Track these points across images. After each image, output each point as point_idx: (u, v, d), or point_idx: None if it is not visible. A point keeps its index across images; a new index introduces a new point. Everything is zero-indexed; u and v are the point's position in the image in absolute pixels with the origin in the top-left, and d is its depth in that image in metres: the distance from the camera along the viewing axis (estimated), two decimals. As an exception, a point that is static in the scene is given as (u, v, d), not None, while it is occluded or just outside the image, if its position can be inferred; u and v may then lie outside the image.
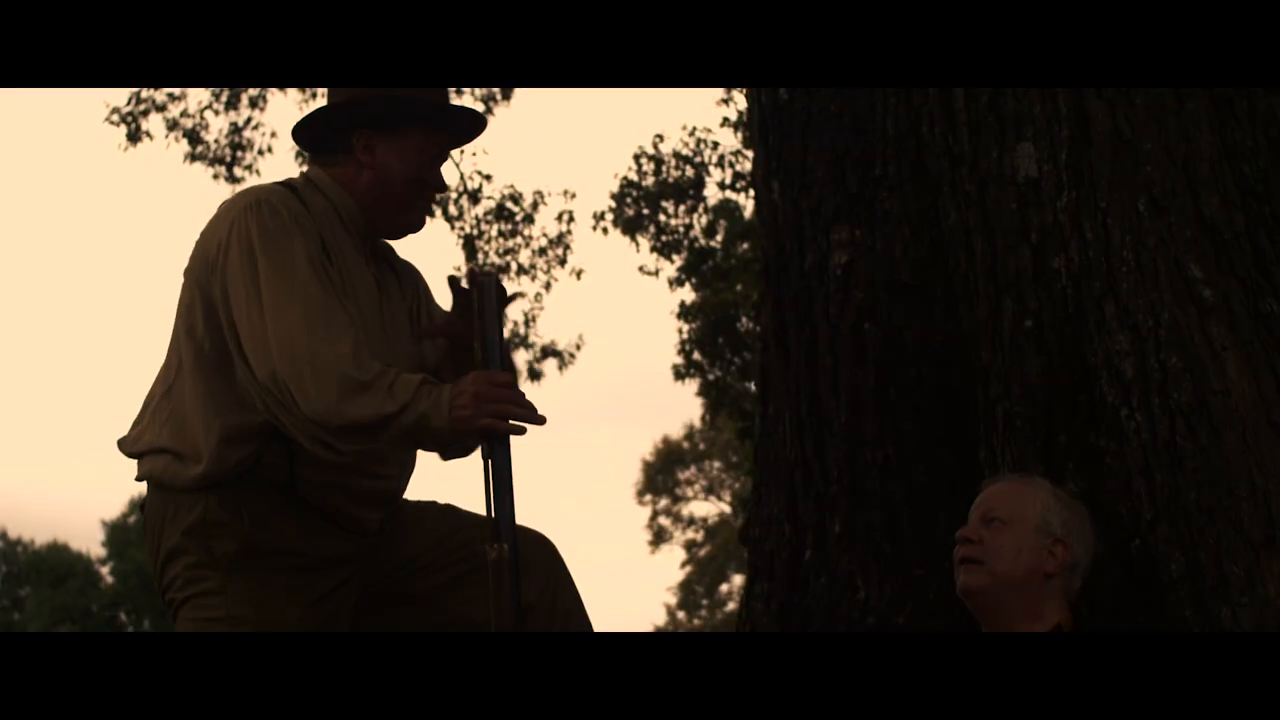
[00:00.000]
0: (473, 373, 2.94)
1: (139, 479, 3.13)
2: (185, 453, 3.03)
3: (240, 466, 3.00)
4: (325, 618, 3.08)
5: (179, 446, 3.04)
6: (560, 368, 17.29)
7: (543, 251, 16.36)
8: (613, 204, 16.51)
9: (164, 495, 3.07)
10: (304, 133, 3.28)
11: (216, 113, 14.89)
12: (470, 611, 3.15)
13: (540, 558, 3.27)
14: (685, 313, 16.52)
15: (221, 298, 3.01)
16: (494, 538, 2.88)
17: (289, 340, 2.90)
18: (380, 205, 3.20)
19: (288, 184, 3.21)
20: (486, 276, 3.05)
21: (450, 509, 3.33)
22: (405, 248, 3.41)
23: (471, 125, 3.33)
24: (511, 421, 2.90)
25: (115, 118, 14.70)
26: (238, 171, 14.88)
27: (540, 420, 2.92)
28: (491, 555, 2.87)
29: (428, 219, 3.37)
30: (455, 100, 3.34)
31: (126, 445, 3.15)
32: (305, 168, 3.30)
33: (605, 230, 16.47)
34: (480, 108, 15.12)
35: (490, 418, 2.88)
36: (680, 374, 16.58)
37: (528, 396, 2.95)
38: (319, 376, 2.86)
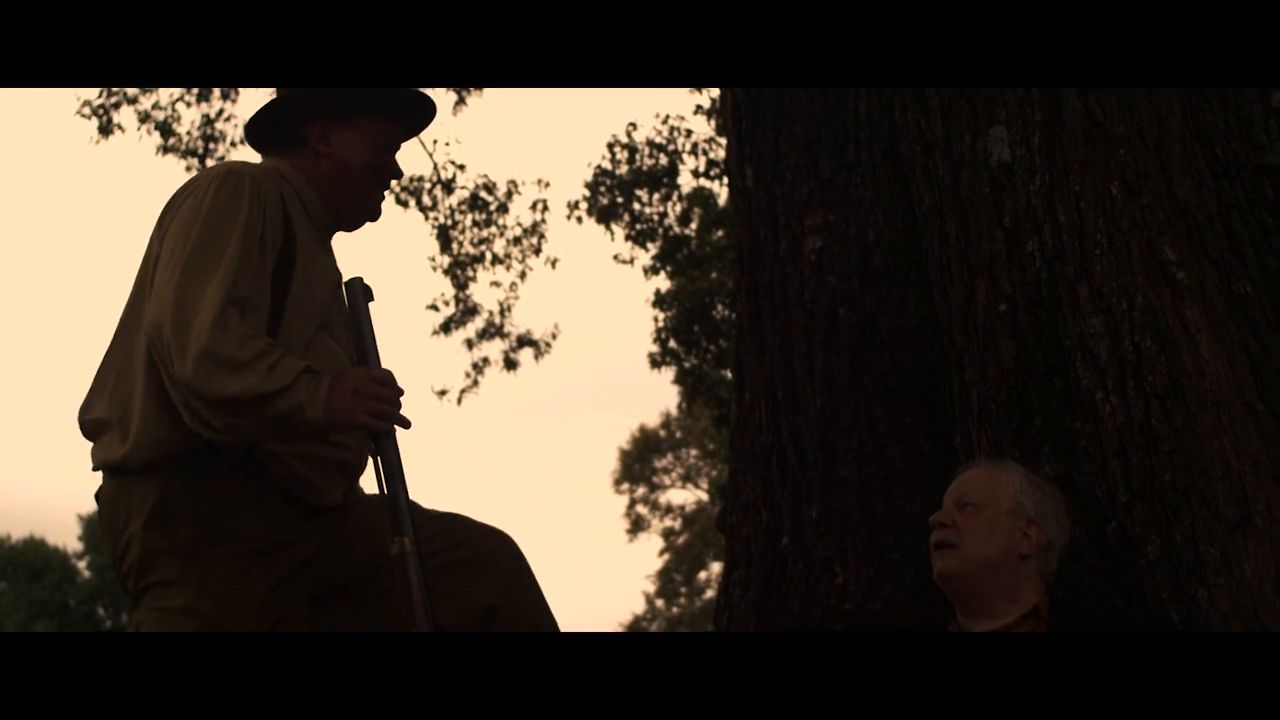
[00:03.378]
0: (353, 368, 2.96)
1: (94, 469, 3.11)
2: (130, 423, 3.02)
3: (192, 443, 2.97)
4: (283, 605, 3.06)
5: (125, 415, 3.04)
6: (536, 357, 17.26)
7: (517, 241, 16.32)
8: (587, 193, 16.48)
9: (119, 481, 3.05)
10: (257, 129, 3.29)
11: (188, 105, 14.83)
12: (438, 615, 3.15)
13: (501, 556, 3.27)
14: (660, 301, 16.52)
15: (157, 254, 3.03)
16: (395, 532, 2.91)
17: (182, 303, 2.89)
18: (339, 193, 3.24)
19: (257, 168, 3.22)
20: (353, 281, 3.08)
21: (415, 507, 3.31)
22: (382, 238, 3.42)
23: (423, 112, 3.34)
24: (389, 419, 2.94)
25: (86, 110, 14.64)
26: (210, 164, 14.83)
27: (406, 424, 2.95)
28: (394, 550, 2.89)
29: (384, 208, 3.38)
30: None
31: (80, 413, 3.15)
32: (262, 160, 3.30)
33: (580, 219, 16.45)
34: (452, 98, 15.11)
35: (368, 415, 2.91)
36: (656, 362, 16.58)
37: (401, 400, 3.00)
38: (195, 344, 2.85)
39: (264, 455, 3.02)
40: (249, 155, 3.33)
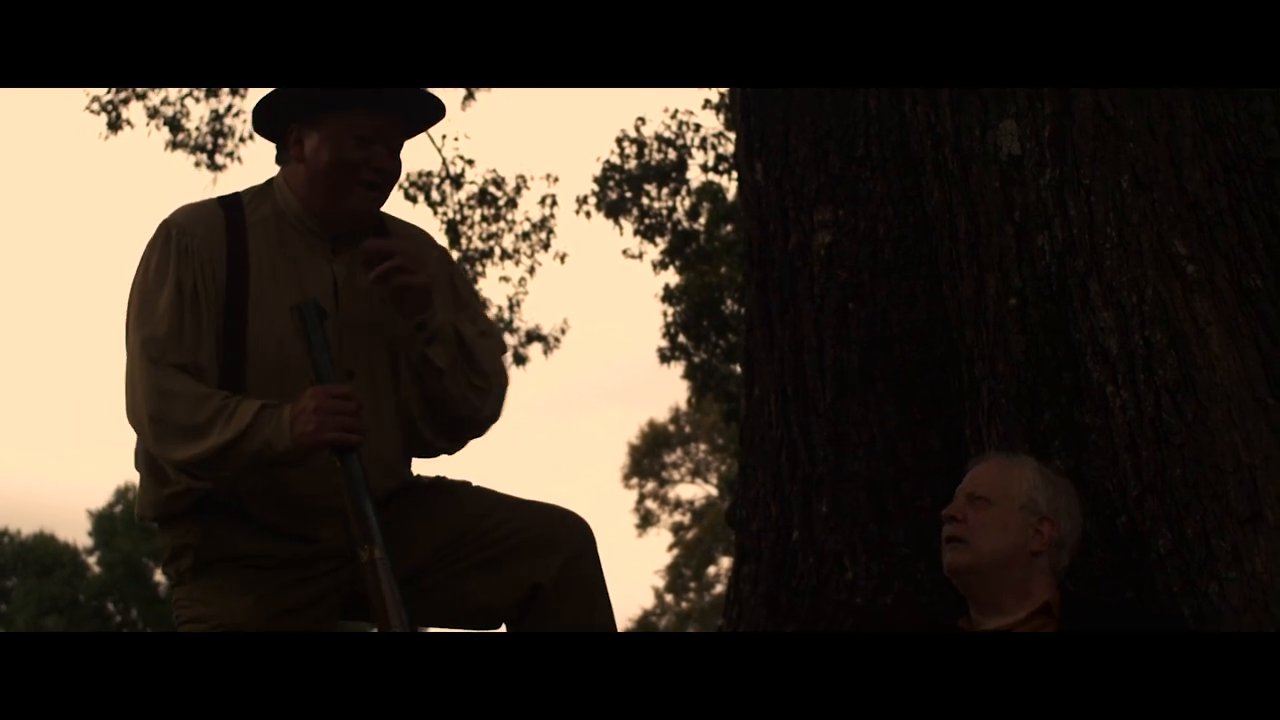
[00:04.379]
0: (311, 389, 2.98)
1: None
2: (149, 479, 3.19)
3: (188, 499, 3.11)
4: (281, 611, 3.12)
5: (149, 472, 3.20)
6: (545, 352, 17.27)
7: (526, 236, 16.32)
8: (596, 188, 16.47)
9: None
10: (260, 117, 3.30)
11: (197, 100, 14.84)
12: (486, 597, 3.19)
13: (568, 540, 3.27)
14: (670, 296, 16.50)
15: None
16: (363, 540, 2.95)
17: (134, 383, 3.06)
18: (316, 197, 3.20)
19: (247, 192, 3.25)
20: (304, 305, 3.07)
21: (481, 492, 3.34)
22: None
23: (417, 102, 3.30)
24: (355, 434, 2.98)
25: (95, 106, 14.64)
26: (219, 159, 14.84)
27: (359, 441, 2.98)
28: (363, 558, 2.93)
29: (394, 203, 3.36)
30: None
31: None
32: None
33: (588, 214, 16.44)
34: (461, 93, 15.10)
35: (334, 431, 2.94)
36: (665, 357, 16.57)
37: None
38: (153, 423, 3.01)
39: (249, 499, 3.12)
40: (258, 151, 3.34)
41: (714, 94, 15.85)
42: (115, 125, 14.69)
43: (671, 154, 16.39)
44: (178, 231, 3.13)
